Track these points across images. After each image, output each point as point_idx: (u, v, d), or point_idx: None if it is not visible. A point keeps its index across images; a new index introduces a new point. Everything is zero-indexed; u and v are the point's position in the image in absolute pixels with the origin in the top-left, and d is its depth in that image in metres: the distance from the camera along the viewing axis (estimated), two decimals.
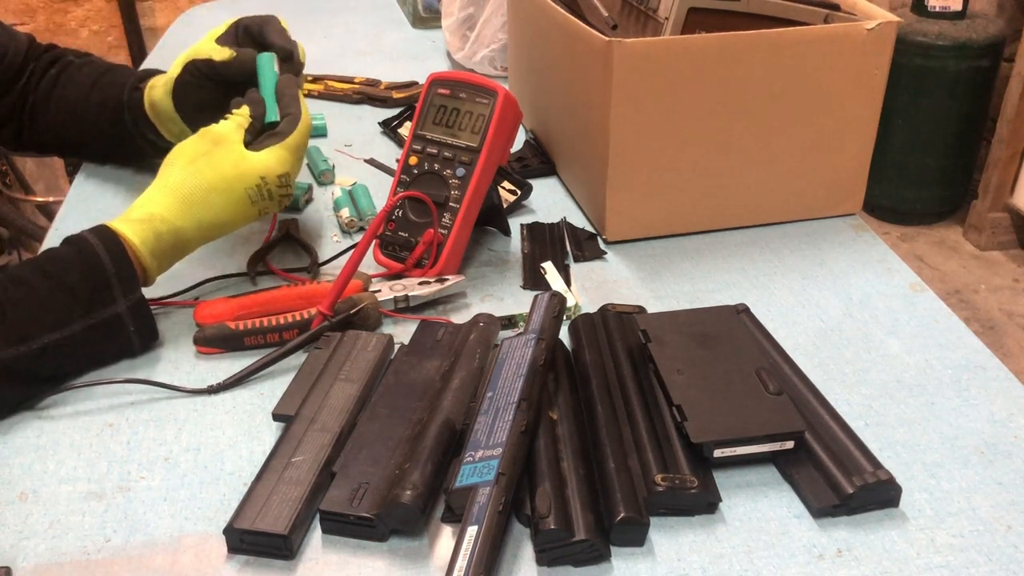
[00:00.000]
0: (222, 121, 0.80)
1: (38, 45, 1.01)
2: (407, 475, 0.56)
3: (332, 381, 0.66)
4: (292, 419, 0.63)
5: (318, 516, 0.57)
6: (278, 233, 0.89)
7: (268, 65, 0.84)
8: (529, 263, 0.85)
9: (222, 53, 0.86)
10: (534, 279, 0.82)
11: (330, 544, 0.56)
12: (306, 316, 0.73)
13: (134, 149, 0.98)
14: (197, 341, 0.74)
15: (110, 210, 0.95)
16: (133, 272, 0.71)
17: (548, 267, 0.83)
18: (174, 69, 0.88)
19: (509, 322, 0.75)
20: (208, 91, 0.88)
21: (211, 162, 0.76)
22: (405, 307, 0.77)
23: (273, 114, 0.81)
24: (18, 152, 1.16)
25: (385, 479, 0.57)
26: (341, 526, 0.56)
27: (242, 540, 0.55)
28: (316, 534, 0.57)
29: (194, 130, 0.83)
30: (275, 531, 0.54)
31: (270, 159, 0.77)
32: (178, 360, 0.73)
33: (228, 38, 0.87)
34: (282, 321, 0.73)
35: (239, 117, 0.80)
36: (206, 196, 0.75)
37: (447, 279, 0.78)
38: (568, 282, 0.82)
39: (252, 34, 0.87)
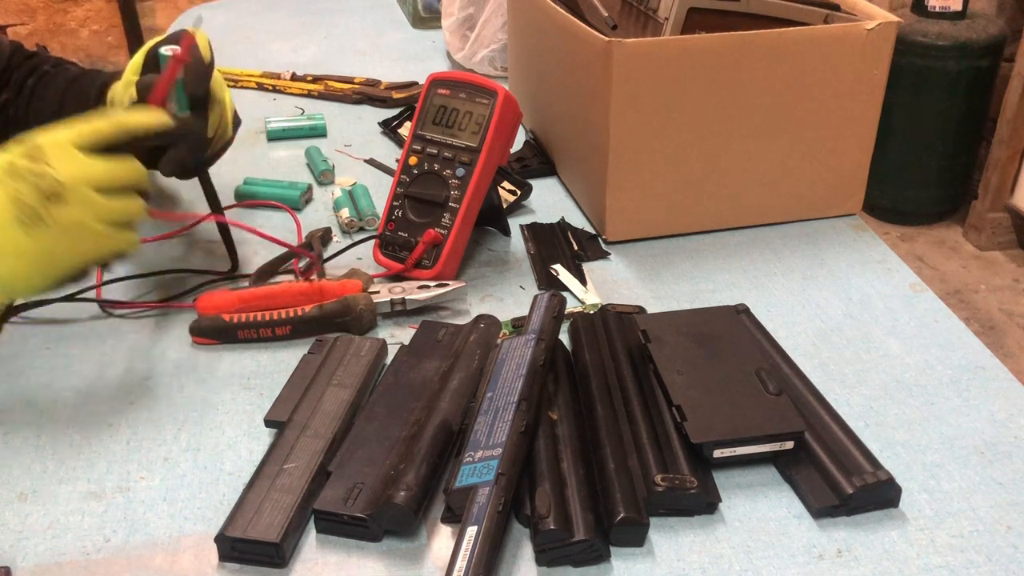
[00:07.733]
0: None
1: (23, 52, 0.95)
2: (402, 476, 0.56)
3: (325, 387, 0.66)
4: (284, 425, 0.63)
5: (313, 516, 0.57)
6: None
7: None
8: (539, 265, 0.84)
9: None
10: (548, 281, 0.82)
11: (328, 544, 0.56)
12: (300, 313, 0.73)
13: None
14: (193, 331, 0.74)
15: None
16: None
17: (560, 269, 0.83)
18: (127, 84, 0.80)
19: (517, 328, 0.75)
20: None
21: None
22: (402, 310, 0.77)
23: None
24: None
25: (380, 479, 0.57)
26: (335, 526, 0.56)
27: (233, 548, 0.55)
28: (313, 534, 0.57)
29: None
30: (267, 539, 0.54)
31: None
32: (179, 352, 0.73)
33: (148, 69, 0.78)
34: (276, 316, 0.73)
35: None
36: None
37: (447, 284, 0.78)
38: (584, 281, 0.81)
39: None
